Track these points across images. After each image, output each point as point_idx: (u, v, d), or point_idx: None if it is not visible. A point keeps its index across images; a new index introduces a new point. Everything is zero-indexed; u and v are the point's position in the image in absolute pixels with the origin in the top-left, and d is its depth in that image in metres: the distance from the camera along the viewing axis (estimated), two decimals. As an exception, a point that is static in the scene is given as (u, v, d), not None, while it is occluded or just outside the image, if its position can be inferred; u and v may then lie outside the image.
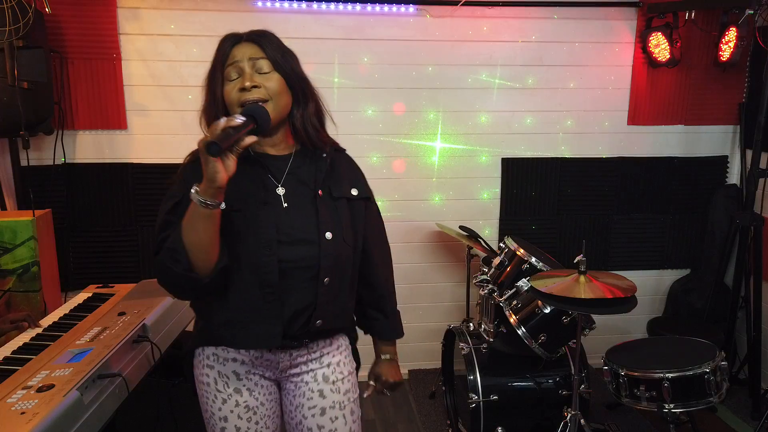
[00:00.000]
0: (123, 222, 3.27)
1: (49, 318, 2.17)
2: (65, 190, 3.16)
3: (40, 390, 1.58)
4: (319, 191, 1.54)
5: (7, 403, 1.51)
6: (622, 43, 3.46)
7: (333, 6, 3.20)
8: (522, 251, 2.56)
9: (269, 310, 1.48)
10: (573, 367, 2.52)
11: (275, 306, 1.48)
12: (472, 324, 2.88)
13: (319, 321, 1.53)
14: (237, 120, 1.33)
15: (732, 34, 3.21)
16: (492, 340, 2.60)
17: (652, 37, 3.33)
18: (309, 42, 3.20)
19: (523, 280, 2.47)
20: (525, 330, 2.47)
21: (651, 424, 3.07)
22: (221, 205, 1.36)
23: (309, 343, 1.59)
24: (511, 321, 2.49)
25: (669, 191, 3.67)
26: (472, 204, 3.56)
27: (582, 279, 2.24)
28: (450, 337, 2.98)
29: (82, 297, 2.41)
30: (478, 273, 2.78)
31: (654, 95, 3.52)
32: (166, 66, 3.16)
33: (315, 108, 1.57)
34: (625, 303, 2.18)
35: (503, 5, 3.32)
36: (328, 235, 1.50)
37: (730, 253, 3.56)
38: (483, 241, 3.15)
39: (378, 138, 3.40)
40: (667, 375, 2.32)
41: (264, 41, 1.49)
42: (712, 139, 3.65)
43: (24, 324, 2.06)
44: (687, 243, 3.74)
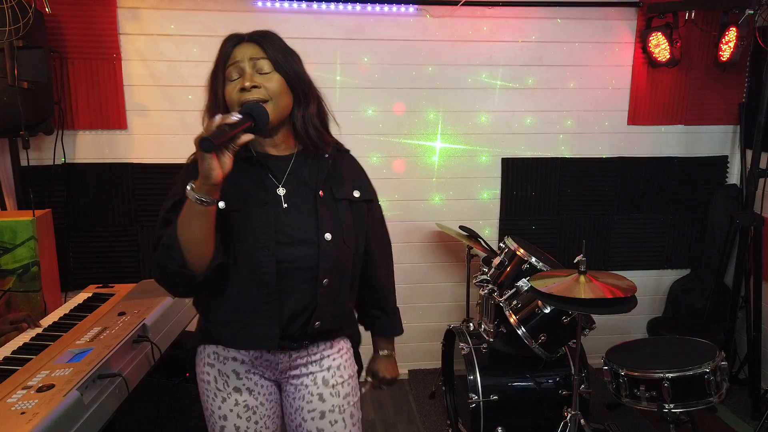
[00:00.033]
0: (123, 222, 3.27)
1: (49, 318, 2.17)
2: (65, 190, 3.16)
3: (40, 390, 1.58)
4: (320, 192, 1.53)
5: (7, 403, 1.51)
6: (622, 43, 3.46)
7: (333, 6, 3.20)
8: (522, 251, 2.56)
9: (267, 310, 1.48)
10: (573, 367, 2.52)
11: (273, 306, 1.48)
12: (472, 324, 2.88)
13: (318, 322, 1.53)
14: (233, 117, 1.33)
15: (732, 34, 3.21)
16: (492, 340, 2.60)
17: (652, 37, 3.33)
18: (309, 42, 3.20)
19: (523, 280, 2.47)
20: (525, 330, 2.47)
21: (651, 424, 3.07)
22: (219, 203, 1.36)
23: (309, 345, 1.58)
24: (511, 321, 2.49)
25: (669, 191, 3.66)
26: (472, 204, 3.56)
27: (582, 279, 2.24)
28: (450, 337, 2.97)
29: (82, 297, 2.41)
30: (478, 273, 2.78)
31: (654, 95, 3.52)
32: (166, 66, 3.16)
33: (317, 109, 1.56)
34: (625, 303, 2.18)
35: (503, 5, 3.32)
36: (327, 236, 1.50)
37: (730, 253, 3.56)
38: (483, 241, 3.15)
39: (378, 138, 3.40)
40: (667, 375, 2.32)
41: (265, 41, 1.49)
42: (712, 139, 3.65)
43: (23, 325, 2.06)
44: (687, 243, 3.74)
